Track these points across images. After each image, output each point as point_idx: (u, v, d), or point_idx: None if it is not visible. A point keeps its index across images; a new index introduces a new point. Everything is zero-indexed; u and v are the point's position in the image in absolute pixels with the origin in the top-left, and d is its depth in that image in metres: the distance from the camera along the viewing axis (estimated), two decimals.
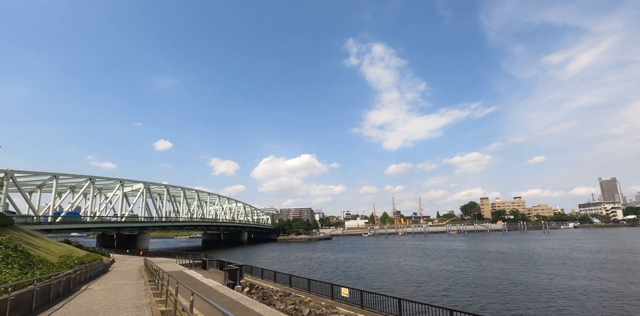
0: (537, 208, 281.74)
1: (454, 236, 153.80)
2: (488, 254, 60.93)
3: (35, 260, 14.65)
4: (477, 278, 35.31)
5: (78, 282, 18.90)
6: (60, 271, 15.20)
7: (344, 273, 41.96)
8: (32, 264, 14.02)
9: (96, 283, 20.27)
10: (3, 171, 53.32)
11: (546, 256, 54.06)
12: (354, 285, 30.44)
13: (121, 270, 30.86)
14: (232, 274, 21.79)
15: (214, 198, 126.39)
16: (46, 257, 18.91)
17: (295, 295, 20.14)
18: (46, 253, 20.71)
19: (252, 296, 21.16)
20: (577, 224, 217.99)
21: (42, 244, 23.97)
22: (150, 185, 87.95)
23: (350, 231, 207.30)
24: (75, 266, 18.58)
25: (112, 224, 73.73)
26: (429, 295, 27.44)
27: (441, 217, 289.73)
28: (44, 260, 15.34)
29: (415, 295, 27.11)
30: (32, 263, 14.12)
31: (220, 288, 19.62)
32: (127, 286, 18.60)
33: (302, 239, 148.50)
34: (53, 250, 23.68)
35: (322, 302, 17.89)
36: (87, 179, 70.94)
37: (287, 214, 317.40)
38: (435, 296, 26.68)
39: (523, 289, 28.93)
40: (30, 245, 20.80)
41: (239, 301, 15.95)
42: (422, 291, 29.13)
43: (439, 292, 28.50)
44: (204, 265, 31.76)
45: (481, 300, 25.34)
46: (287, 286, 22.92)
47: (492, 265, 45.85)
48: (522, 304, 23.76)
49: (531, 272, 38.23)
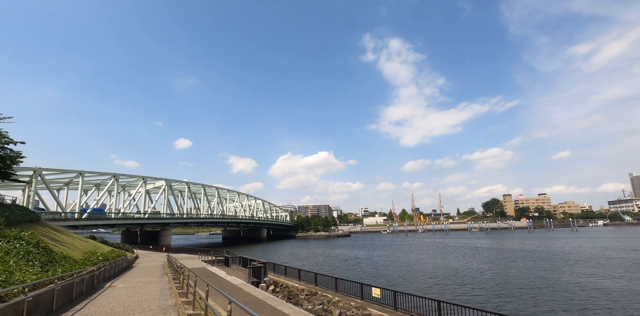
0: (563, 205, 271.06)
1: (476, 233, 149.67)
2: (516, 252, 58.40)
3: (58, 257, 14.22)
4: (511, 278, 33.48)
5: (102, 279, 18.63)
6: (84, 268, 14.79)
7: (368, 272, 40.70)
8: (55, 261, 13.56)
9: (120, 280, 19.94)
10: (32, 168, 54.79)
11: (578, 255, 51.28)
12: (382, 284, 29.29)
13: (145, 266, 30.85)
14: (256, 272, 21.11)
15: (234, 195, 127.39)
16: (70, 253, 18.70)
17: (322, 294, 19.24)
18: (71, 249, 20.62)
19: (277, 295, 20.41)
20: (607, 222, 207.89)
21: (67, 240, 24.01)
22: (172, 182, 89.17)
23: (369, 228, 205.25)
24: (99, 263, 18.26)
25: (136, 221, 75.05)
26: (461, 295, 26.03)
27: (462, 214, 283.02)
28: (67, 257, 14.93)
29: (450, 296, 25.67)
30: (54, 259, 13.67)
31: (244, 287, 18.94)
32: (151, 284, 18.18)
33: (320, 236, 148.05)
34: (78, 246, 23.68)
35: (351, 302, 16.91)
36: (112, 177, 72.38)
37: (305, 211, 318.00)
38: (472, 297, 25.25)
39: (560, 290, 27.11)
40: (55, 241, 20.75)
41: (266, 301, 15.17)
42: (457, 292, 27.65)
43: (474, 293, 27.02)
44: (227, 261, 31.33)
45: (522, 303, 23.75)
46: (313, 284, 22.06)
47: (523, 264, 43.70)
48: (562, 306, 22.09)
49: (565, 272, 36.13)
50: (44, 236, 19.82)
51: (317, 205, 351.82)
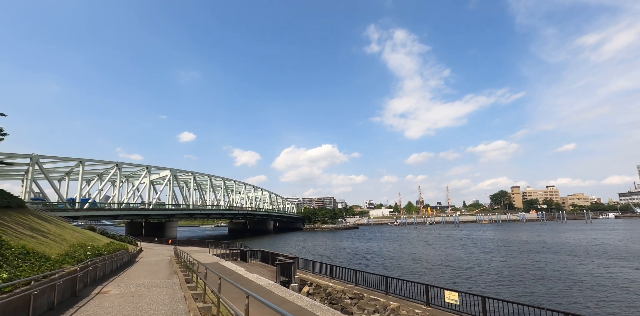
0: (572, 197, 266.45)
1: (487, 226, 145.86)
2: (541, 245, 54.57)
3: (18, 252, 10.03)
4: (550, 271, 29.77)
5: (90, 281, 14.78)
6: (60, 268, 10.68)
7: (400, 267, 36.40)
8: (6, 259, 9.19)
9: (116, 281, 15.83)
10: (28, 155, 51.29)
11: (601, 248, 48.50)
12: (421, 280, 25.59)
13: (149, 261, 27.27)
14: (285, 269, 17.42)
15: (240, 186, 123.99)
16: (50, 248, 14.41)
17: (370, 297, 15.51)
18: (56, 242, 16.85)
19: (315, 298, 16.73)
20: (619, 214, 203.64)
21: (55, 231, 20.25)
22: (177, 172, 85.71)
23: (376, 220, 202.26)
24: (87, 259, 14.20)
25: (139, 212, 71.86)
26: (522, 295, 22.29)
27: (468, 206, 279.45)
28: (34, 253, 10.73)
29: (533, 298, 21.59)
30: (6, 257, 9.21)
31: (275, 288, 15.22)
32: (157, 289, 13.72)
33: (328, 229, 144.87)
34: (67, 238, 19.92)
35: (416, 310, 13.16)
36: (114, 166, 68.96)
37: (309, 204, 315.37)
38: (551, 298, 21.52)
39: (595, 282, 25.22)
40: (36, 231, 17.03)
41: (311, 310, 11.44)
42: (524, 292, 23.92)
43: (552, 293, 23.29)
44: (243, 255, 27.57)
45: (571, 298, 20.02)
46: (352, 284, 18.35)
47: (554, 257, 40.07)
48: (601, 300, 18.48)
49: (592, 264, 33.78)
50: (19, 224, 16.05)
51: (321, 197, 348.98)
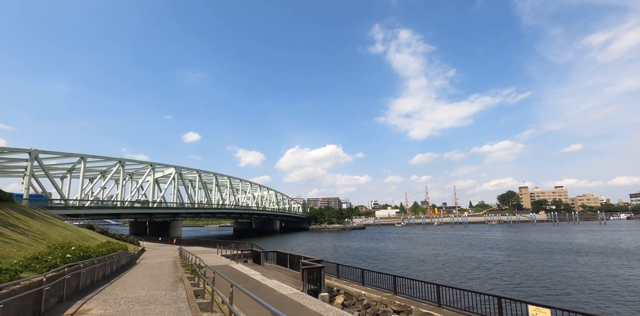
0: (582, 198, 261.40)
1: (497, 226, 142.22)
2: (570, 246, 51.44)
3: None
4: (591, 275, 26.76)
5: (70, 293, 11.73)
6: (16, 279, 7.55)
7: (426, 270, 33.37)
8: None
9: (104, 292, 12.89)
10: (27, 150, 48.95)
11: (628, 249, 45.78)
12: (459, 285, 22.73)
13: (151, 264, 24.55)
14: (312, 275, 14.63)
15: (246, 185, 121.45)
16: (15, 249, 11.46)
17: (420, 310, 12.69)
18: (36, 240, 14.04)
19: (352, 311, 13.91)
20: (631, 215, 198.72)
21: (38, 228, 17.49)
22: (182, 170, 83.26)
23: (383, 220, 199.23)
24: (63, 265, 11.02)
25: (143, 210, 69.42)
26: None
27: (475, 207, 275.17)
28: None
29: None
30: None
31: (305, 300, 12.39)
32: (156, 306, 10.46)
33: (335, 229, 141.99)
34: (52, 236, 17.08)
35: None
36: (117, 162, 66.57)
37: (314, 204, 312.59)
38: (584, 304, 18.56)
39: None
40: (11, 227, 14.41)
41: None
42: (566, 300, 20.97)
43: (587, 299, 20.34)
44: (256, 257, 24.75)
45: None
46: (390, 292, 15.53)
47: (592, 260, 36.97)
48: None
49: (623, 266, 31.45)
50: None
51: (326, 197, 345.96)
